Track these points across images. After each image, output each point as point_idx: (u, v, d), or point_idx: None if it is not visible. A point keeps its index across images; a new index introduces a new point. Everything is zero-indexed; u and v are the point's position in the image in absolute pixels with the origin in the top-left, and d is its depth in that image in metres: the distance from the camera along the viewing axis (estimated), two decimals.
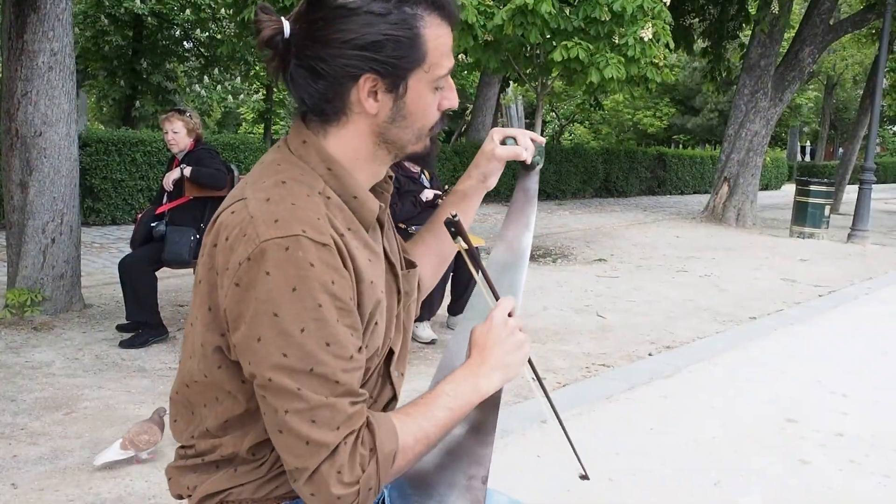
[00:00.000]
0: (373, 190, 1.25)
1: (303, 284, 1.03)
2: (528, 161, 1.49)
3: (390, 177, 1.32)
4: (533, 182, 1.53)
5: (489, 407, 1.31)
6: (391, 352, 1.28)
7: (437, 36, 1.14)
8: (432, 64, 1.14)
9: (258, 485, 1.20)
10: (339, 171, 1.17)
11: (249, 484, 1.20)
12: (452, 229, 1.30)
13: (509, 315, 1.28)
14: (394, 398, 1.32)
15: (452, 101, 1.21)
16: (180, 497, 1.27)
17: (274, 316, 1.03)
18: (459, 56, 8.83)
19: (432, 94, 1.18)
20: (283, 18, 1.13)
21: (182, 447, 1.26)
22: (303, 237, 1.05)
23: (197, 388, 1.19)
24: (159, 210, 5.09)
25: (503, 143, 1.48)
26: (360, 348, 1.11)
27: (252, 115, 28.96)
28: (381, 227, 1.27)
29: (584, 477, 1.47)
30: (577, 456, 1.46)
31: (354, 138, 1.17)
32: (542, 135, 2.02)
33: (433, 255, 1.54)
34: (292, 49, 1.12)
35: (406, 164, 5.41)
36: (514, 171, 1.55)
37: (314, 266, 1.04)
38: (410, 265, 1.39)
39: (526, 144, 1.47)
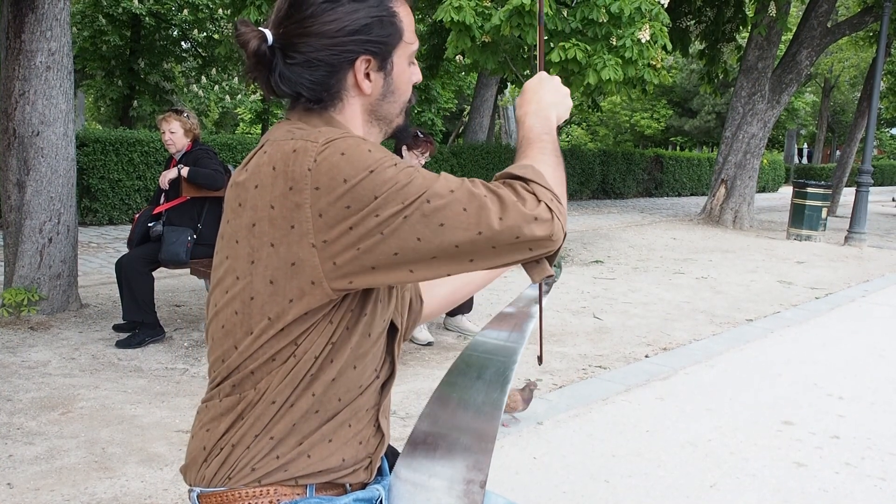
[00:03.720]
0: None
1: (373, 146, 1.14)
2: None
3: None
4: (542, 296, 1.54)
5: (491, 416, 1.32)
6: (395, 328, 1.34)
7: (406, 13, 1.28)
8: (408, 39, 1.28)
9: (252, 458, 1.22)
10: (343, 128, 1.24)
11: (245, 454, 1.22)
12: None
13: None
14: (392, 374, 1.36)
15: (419, 75, 1.35)
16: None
17: (371, 172, 1.10)
18: (457, 57, 8.84)
19: (408, 69, 1.31)
20: (262, 29, 1.22)
21: (204, 403, 1.29)
22: (349, 133, 1.16)
23: (257, 302, 1.19)
24: (157, 210, 5.09)
25: None
26: None
27: (249, 116, 28.99)
28: None
29: (540, 360, 1.60)
30: (541, 342, 1.59)
31: (352, 120, 1.27)
32: None
33: (448, 283, 1.61)
34: (277, 52, 1.22)
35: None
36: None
37: (370, 143, 1.15)
38: None
39: None
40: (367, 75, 1.24)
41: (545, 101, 1.39)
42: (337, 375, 1.22)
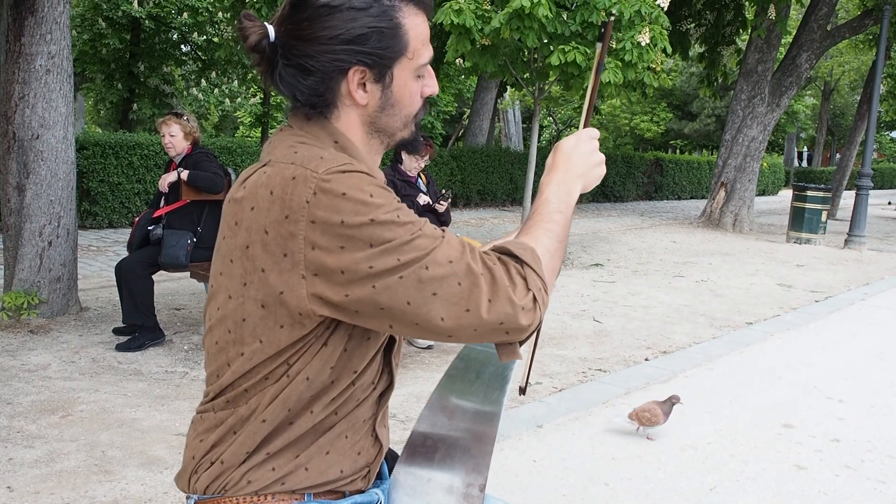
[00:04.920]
0: None
1: (376, 190, 1.11)
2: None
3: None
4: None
5: (491, 417, 1.32)
6: (392, 340, 1.32)
7: (415, 25, 1.22)
8: (415, 52, 1.22)
9: (248, 471, 1.21)
10: (345, 142, 1.23)
11: (238, 469, 1.21)
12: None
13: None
14: (391, 385, 1.35)
15: (433, 87, 1.29)
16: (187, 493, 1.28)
17: (371, 221, 1.08)
18: (457, 60, 8.84)
19: (415, 82, 1.25)
20: (266, 24, 1.20)
21: (198, 414, 1.28)
22: (352, 166, 1.13)
23: (248, 324, 1.19)
24: (156, 213, 5.09)
25: None
26: None
27: (249, 119, 28.96)
28: None
29: (522, 391, 1.57)
30: (529, 372, 1.56)
31: (350, 129, 1.24)
32: (539, 140, 2.04)
33: None
34: (279, 51, 1.19)
35: (402, 168, 5.43)
36: (511, 175, 1.56)
37: (373, 182, 1.12)
38: None
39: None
40: (363, 86, 1.20)
41: (573, 171, 1.34)
42: (337, 396, 1.22)
